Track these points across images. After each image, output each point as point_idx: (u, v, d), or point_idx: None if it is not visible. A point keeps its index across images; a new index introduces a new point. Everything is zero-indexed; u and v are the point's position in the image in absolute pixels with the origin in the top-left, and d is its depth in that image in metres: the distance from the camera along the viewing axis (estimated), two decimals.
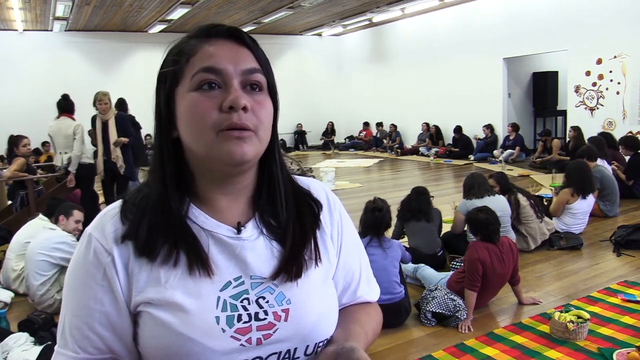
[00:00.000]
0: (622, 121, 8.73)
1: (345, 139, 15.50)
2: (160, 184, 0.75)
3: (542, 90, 11.21)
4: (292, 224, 0.80)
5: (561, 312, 2.96)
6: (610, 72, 8.81)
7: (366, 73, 15.18)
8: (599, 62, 8.95)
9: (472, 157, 11.09)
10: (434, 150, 11.97)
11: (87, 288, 0.73)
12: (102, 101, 5.36)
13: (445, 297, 3.17)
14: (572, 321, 2.84)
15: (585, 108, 9.33)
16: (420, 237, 4.13)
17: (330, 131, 15.60)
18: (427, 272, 3.74)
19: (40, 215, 4.07)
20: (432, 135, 12.44)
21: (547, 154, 9.62)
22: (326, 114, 15.75)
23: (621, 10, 8.48)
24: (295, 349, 0.76)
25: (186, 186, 0.78)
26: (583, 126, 8.51)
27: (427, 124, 12.60)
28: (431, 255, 4.07)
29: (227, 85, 0.72)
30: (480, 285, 3.16)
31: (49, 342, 2.85)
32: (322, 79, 16.00)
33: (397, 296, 3.13)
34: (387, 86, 14.31)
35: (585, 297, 3.46)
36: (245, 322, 0.73)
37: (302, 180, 0.88)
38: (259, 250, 0.78)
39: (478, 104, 11.40)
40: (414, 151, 12.65)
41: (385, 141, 13.90)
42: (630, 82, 8.57)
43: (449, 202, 5.33)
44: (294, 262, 0.78)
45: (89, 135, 5.52)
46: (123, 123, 5.54)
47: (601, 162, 5.84)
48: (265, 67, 0.76)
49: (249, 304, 0.74)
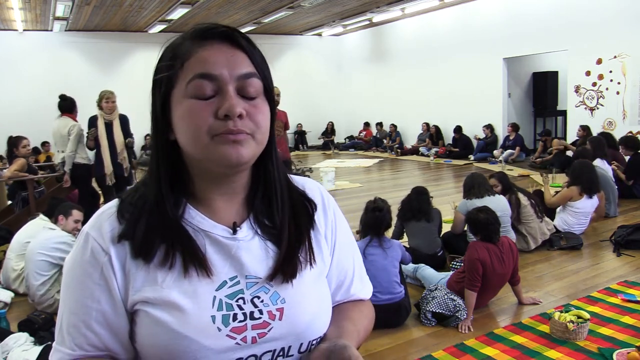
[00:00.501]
0: (622, 121, 8.73)
1: (345, 139, 15.51)
2: (157, 185, 0.76)
3: (542, 90, 11.21)
4: (288, 225, 0.80)
5: (561, 312, 2.96)
6: (610, 72, 8.81)
7: (366, 73, 15.18)
8: (599, 62, 8.94)
9: (472, 157, 11.09)
10: (434, 150, 11.97)
11: (84, 286, 0.74)
12: (111, 99, 5.19)
13: (445, 297, 3.17)
14: (572, 321, 2.84)
15: (585, 108, 9.33)
16: (420, 237, 4.13)
17: (330, 131, 15.60)
18: (427, 272, 3.74)
19: (40, 215, 4.08)
20: (432, 135, 12.44)
21: (547, 154, 9.62)
22: (326, 114, 15.75)
23: (621, 10, 8.48)
24: (290, 346, 0.77)
25: (183, 186, 0.78)
26: (586, 124, 8.52)
27: (427, 124, 12.61)
28: (431, 255, 4.07)
29: (222, 91, 0.71)
30: (480, 285, 3.16)
31: (49, 342, 2.85)
32: (322, 79, 16.00)
33: (397, 296, 3.13)
34: (387, 86, 14.31)
35: (585, 297, 3.46)
36: (240, 321, 0.74)
37: (297, 180, 0.89)
38: (254, 250, 0.78)
39: (478, 104, 11.40)
40: (414, 151, 12.65)
41: (385, 141, 13.90)
42: (630, 82, 8.57)
43: (449, 202, 5.33)
44: (288, 262, 0.79)
45: (89, 136, 5.25)
46: (126, 124, 5.40)
47: (601, 163, 5.83)
48: (262, 70, 0.75)
49: (244, 303, 0.75)
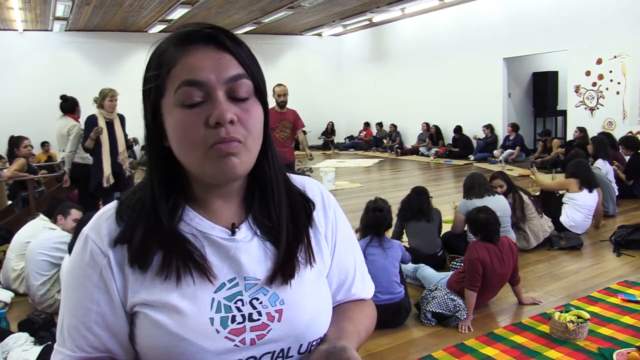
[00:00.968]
0: (622, 121, 8.73)
1: (345, 139, 15.50)
2: (151, 196, 0.75)
3: (542, 90, 11.21)
4: (286, 224, 0.80)
5: (561, 312, 2.96)
6: (610, 72, 8.81)
7: (366, 73, 15.17)
8: (599, 62, 8.94)
9: (472, 157, 11.09)
10: (434, 150, 11.97)
11: (84, 288, 0.74)
12: (115, 98, 5.08)
13: (445, 297, 3.17)
14: (572, 321, 2.84)
15: (585, 108, 9.33)
16: (420, 237, 4.13)
17: (330, 131, 15.60)
18: (427, 272, 3.74)
19: (40, 215, 4.08)
20: (432, 135, 12.44)
21: (547, 154, 9.63)
22: (326, 114, 15.74)
23: (621, 10, 8.48)
24: (289, 348, 0.76)
25: (182, 189, 0.78)
26: (583, 126, 8.53)
27: (427, 124, 12.61)
28: (431, 255, 4.07)
29: (211, 97, 0.69)
30: (480, 285, 3.16)
31: (49, 342, 2.85)
32: (322, 79, 16.00)
33: (397, 296, 3.13)
34: (387, 86, 14.30)
35: (585, 297, 3.46)
36: (239, 323, 0.73)
37: (297, 180, 0.88)
38: (253, 251, 0.78)
39: (478, 104, 11.40)
40: (414, 151, 12.65)
41: (385, 141, 13.90)
42: (630, 82, 8.57)
43: (449, 202, 5.33)
44: (287, 262, 0.78)
45: (92, 135, 4.97)
46: (124, 123, 5.31)
47: (602, 163, 5.86)
48: (251, 70, 0.73)
49: (243, 305, 0.75)
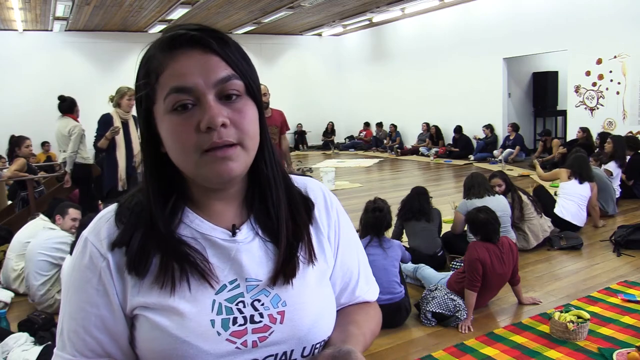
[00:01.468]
0: (622, 121, 8.73)
1: (345, 139, 15.51)
2: (148, 203, 0.74)
3: (542, 90, 11.21)
4: (286, 224, 0.79)
5: (561, 312, 2.96)
6: (610, 72, 8.81)
7: (366, 73, 15.17)
8: (599, 62, 8.94)
9: (472, 157, 11.10)
10: (434, 150, 11.97)
11: (83, 291, 0.73)
12: (133, 97, 4.79)
13: (445, 297, 3.17)
14: (572, 321, 2.84)
15: (585, 108, 9.33)
16: (420, 237, 4.13)
17: (330, 131, 15.60)
18: (427, 272, 3.74)
19: (40, 215, 4.08)
20: (432, 135, 12.44)
21: (547, 153, 9.63)
22: (326, 114, 15.75)
23: (621, 10, 8.48)
24: (292, 351, 0.75)
25: (181, 191, 0.77)
26: (586, 126, 8.52)
27: (427, 124, 12.61)
28: (431, 255, 4.07)
29: (200, 102, 0.68)
30: (480, 285, 3.16)
31: (49, 342, 2.85)
32: (322, 79, 16.00)
33: (397, 296, 3.13)
34: (387, 86, 14.30)
35: (585, 297, 3.46)
36: (240, 325, 0.73)
37: (298, 180, 0.87)
38: (254, 252, 0.77)
39: (478, 104, 11.40)
40: (414, 151, 12.65)
41: (385, 141, 13.90)
42: (630, 82, 8.57)
43: (449, 202, 5.33)
44: (288, 262, 0.77)
45: (107, 135, 4.73)
46: (137, 124, 5.10)
47: (614, 165, 5.96)
48: (240, 69, 0.71)
49: (244, 306, 0.74)
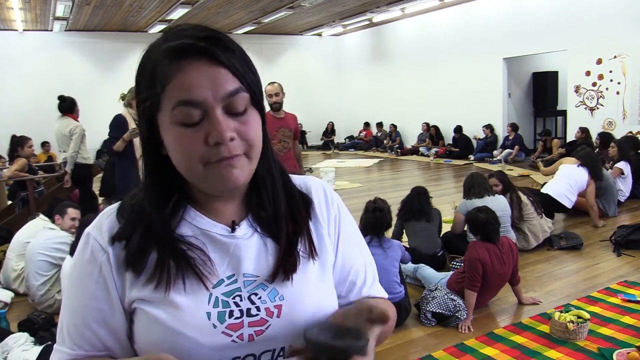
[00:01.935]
0: (622, 121, 8.74)
1: (345, 139, 15.51)
2: (148, 205, 0.75)
3: (542, 90, 11.21)
4: (285, 220, 0.79)
5: (561, 312, 2.96)
6: (610, 72, 8.81)
7: (366, 73, 15.17)
8: (599, 62, 8.95)
9: (472, 157, 11.10)
10: (434, 150, 11.97)
11: (84, 285, 0.74)
12: None
13: (445, 297, 3.17)
14: (572, 321, 2.84)
15: (585, 108, 9.33)
16: (420, 237, 4.13)
17: (330, 131, 15.60)
18: (427, 272, 3.74)
19: (40, 215, 4.08)
20: (432, 135, 12.44)
21: (547, 153, 9.63)
22: (326, 114, 15.75)
23: (621, 10, 8.48)
24: (290, 346, 0.75)
25: (183, 189, 0.77)
26: (585, 126, 8.52)
27: (427, 124, 12.61)
28: (431, 255, 4.07)
29: (209, 116, 0.68)
30: (480, 285, 3.16)
31: (49, 342, 2.85)
32: (322, 79, 16.00)
33: (397, 296, 3.13)
34: (387, 86, 14.30)
35: (585, 297, 3.46)
36: (236, 318, 0.73)
37: (298, 179, 0.87)
38: (253, 248, 0.78)
39: (478, 104, 11.40)
40: (414, 151, 12.65)
41: (385, 141, 13.90)
42: (630, 82, 8.57)
43: (449, 202, 5.33)
44: (288, 257, 0.77)
45: (125, 137, 4.58)
46: None
47: (624, 164, 5.95)
48: (247, 80, 0.71)
49: (241, 300, 0.74)
